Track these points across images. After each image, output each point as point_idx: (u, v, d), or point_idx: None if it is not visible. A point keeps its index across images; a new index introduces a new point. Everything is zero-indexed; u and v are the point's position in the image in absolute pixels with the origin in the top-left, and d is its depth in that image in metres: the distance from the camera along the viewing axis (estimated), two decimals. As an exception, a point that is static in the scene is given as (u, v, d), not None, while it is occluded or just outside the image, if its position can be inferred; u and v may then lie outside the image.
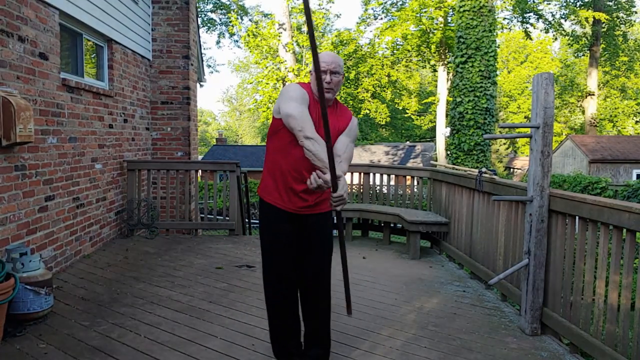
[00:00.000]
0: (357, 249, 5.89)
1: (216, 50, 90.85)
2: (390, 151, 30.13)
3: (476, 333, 3.32)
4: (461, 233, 5.13)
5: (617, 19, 26.65)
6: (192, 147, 7.39)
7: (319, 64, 2.14)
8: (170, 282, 4.21)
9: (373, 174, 6.84)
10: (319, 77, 2.11)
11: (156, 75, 7.18)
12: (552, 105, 3.20)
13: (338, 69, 2.44)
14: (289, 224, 2.54)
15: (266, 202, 2.58)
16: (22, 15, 3.80)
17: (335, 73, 2.43)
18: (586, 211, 2.89)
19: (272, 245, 2.59)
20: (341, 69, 2.48)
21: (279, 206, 2.53)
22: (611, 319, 2.70)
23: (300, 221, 2.55)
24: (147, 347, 2.91)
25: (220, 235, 6.85)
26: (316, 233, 2.57)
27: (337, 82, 2.45)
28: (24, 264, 3.21)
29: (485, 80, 15.26)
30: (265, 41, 20.40)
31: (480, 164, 15.33)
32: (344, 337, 3.14)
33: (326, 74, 2.42)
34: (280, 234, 2.56)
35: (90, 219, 5.11)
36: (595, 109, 28.04)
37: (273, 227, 2.58)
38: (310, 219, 2.55)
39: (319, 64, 2.15)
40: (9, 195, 3.61)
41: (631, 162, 21.22)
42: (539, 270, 3.29)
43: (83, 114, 4.93)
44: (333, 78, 2.42)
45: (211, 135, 56.57)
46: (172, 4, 7.12)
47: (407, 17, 22.14)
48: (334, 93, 2.46)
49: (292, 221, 2.54)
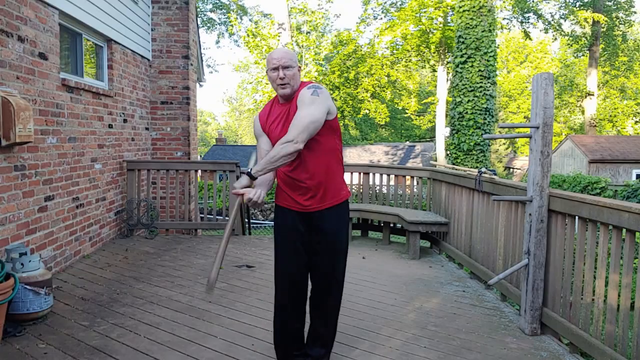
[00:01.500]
0: (356, 249, 5.89)
1: (216, 50, 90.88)
2: (390, 151, 30.13)
3: (476, 333, 3.32)
4: (461, 233, 5.13)
5: (617, 19, 26.66)
6: (191, 147, 7.39)
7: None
8: (170, 282, 4.21)
9: (373, 174, 6.84)
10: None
11: (156, 75, 7.18)
12: (551, 105, 3.20)
13: (289, 63, 2.38)
14: (297, 223, 2.52)
15: (277, 205, 2.60)
16: (21, 15, 3.80)
17: (287, 67, 2.38)
18: (586, 211, 2.89)
19: (281, 247, 2.58)
20: (293, 62, 2.41)
21: (286, 207, 2.53)
22: (611, 318, 2.70)
23: (308, 219, 2.52)
24: (146, 347, 2.91)
25: (220, 235, 6.85)
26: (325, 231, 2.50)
27: (292, 76, 2.39)
28: (23, 264, 3.21)
29: (485, 80, 15.26)
30: (265, 41, 20.40)
31: (480, 164, 15.34)
32: (344, 337, 3.13)
33: (278, 70, 2.38)
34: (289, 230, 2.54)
35: (90, 219, 5.11)
36: (594, 109, 28.05)
37: (284, 223, 2.56)
38: (316, 216, 2.50)
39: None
40: (9, 195, 3.61)
41: (631, 162, 21.23)
42: (538, 270, 3.29)
43: (83, 114, 4.93)
44: (286, 72, 2.37)
45: (211, 135, 56.55)
46: (172, 4, 7.12)
47: (407, 17, 22.13)
48: (291, 87, 2.40)
49: (302, 221, 2.52)
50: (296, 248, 2.54)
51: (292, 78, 2.39)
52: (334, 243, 2.54)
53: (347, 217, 2.62)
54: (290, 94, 2.42)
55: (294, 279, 2.56)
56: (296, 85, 2.42)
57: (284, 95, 2.43)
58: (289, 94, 2.42)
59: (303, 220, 2.52)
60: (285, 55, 2.40)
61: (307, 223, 2.52)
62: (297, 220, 2.52)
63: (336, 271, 2.58)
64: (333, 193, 2.50)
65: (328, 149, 2.45)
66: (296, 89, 2.43)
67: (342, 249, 2.59)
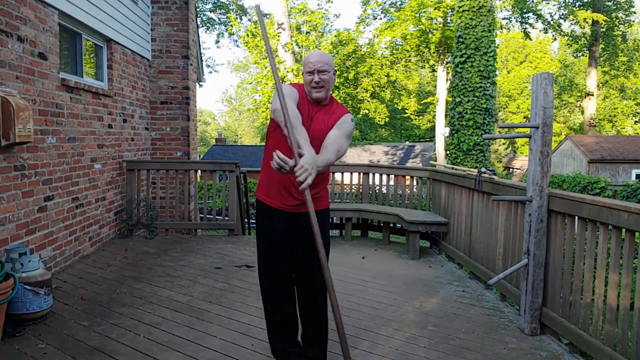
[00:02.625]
0: (356, 249, 5.88)
1: (215, 50, 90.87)
2: (390, 151, 30.13)
3: (475, 333, 3.32)
4: (460, 233, 5.13)
5: (616, 19, 26.66)
6: (191, 147, 7.38)
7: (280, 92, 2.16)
8: (169, 282, 4.21)
9: (372, 174, 6.84)
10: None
11: (155, 75, 7.18)
12: (551, 105, 3.20)
13: (325, 67, 2.41)
14: (282, 224, 2.54)
15: (260, 200, 2.59)
16: (21, 15, 3.80)
17: (323, 71, 2.40)
18: (585, 211, 2.89)
19: (266, 244, 2.60)
20: (329, 66, 2.44)
21: (272, 205, 2.53)
22: (610, 318, 2.70)
23: (294, 220, 2.53)
24: (146, 347, 2.91)
25: (219, 235, 6.85)
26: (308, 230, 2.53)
27: (327, 80, 2.42)
28: (23, 264, 3.21)
29: (485, 80, 15.27)
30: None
31: (480, 164, 15.34)
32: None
33: (314, 73, 2.40)
34: (273, 232, 2.55)
35: (90, 219, 5.11)
36: (594, 109, 28.05)
37: (266, 226, 2.58)
38: (303, 218, 2.52)
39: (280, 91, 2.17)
40: (8, 195, 3.61)
41: (630, 162, 21.23)
42: (538, 270, 3.29)
43: (82, 114, 4.92)
44: (322, 77, 2.40)
45: (210, 135, 56.55)
46: (172, 3, 7.12)
47: (406, 17, 22.14)
48: (325, 91, 2.44)
49: (285, 220, 2.53)
50: (279, 246, 2.56)
51: (327, 82, 2.43)
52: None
53: (329, 224, 2.70)
54: (324, 97, 2.46)
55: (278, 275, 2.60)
56: (330, 89, 2.47)
57: (318, 99, 2.45)
58: (323, 97, 2.46)
59: (288, 221, 2.53)
60: (321, 59, 2.43)
61: (292, 224, 2.53)
62: (282, 220, 2.53)
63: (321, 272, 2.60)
64: (322, 199, 2.57)
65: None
66: (329, 93, 2.48)
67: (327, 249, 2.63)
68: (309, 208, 2.09)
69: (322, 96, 2.44)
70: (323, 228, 2.58)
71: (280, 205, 2.52)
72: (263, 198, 2.58)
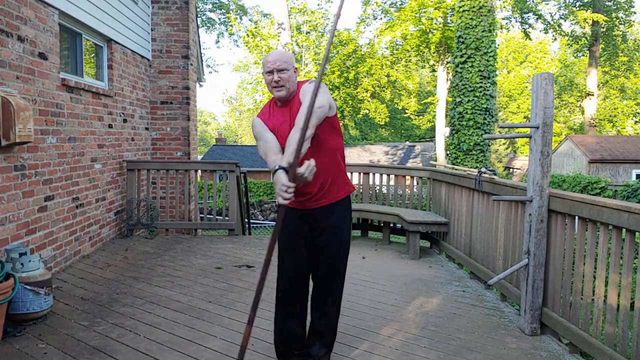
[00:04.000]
0: (356, 249, 5.89)
1: (215, 50, 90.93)
2: (390, 151, 30.14)
3: (476, 333, 3.32)
4: (461, 233, 5.13)
5: (617, 19, 26.65)
6: (191, 147, 7.39)
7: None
8: (169, 282, 4.21)
9: (372, 174, 6.84)
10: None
11: (156, 75, 7.18)
12: (551, 105, 3.20)
13: (284, 65, 2.37)
14: (300, 221, 2.52)
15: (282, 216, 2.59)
16: (21, 15, 3.80)
17: (282, 70, 2.36)
18: (586, 211, 2.89)
19: (283, 243, 2.57)
20: (288, 65, 2.39)
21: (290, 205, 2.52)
22: (610, 319, 2.70)
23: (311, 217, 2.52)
24: (146, 347, 2.91)
25: (219, 235, 6.85)
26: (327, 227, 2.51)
27: (287, 79, 2.37)
28: (23, 264, 3.21)
29: (485, 80, 15.26)
30: (265, 41, 20.41)
31: (480, 164, 15.34)
32: (344, 337, 3.13)
33: (272, 73, 2.37)
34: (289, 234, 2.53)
35: (90, 219, 5.11)
36: (594, 109, 28.04)
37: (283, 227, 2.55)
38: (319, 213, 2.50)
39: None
40: (9, 195, 3.61)
41: (630, 162, 21.22)
42: (538, 270, 3.29)
43: (82, 113, 4.93)
44: (281, 75, 2.36)
45: (211, 135, 56.55)
46: (172, 4, 7.12)
47: (407, 17, 22.14)
48: (286, 90, 2.39)
49: (302, 218, 2.51)
50: (298, 247, 2.54)
51: (288, 80, 2.38)
52: (336, 240, 2.55)
53: (349, 212, 2.62)
54: (286, 96, 2.41)
55: (295, 279, 2.57)
56: (292, 87, 2.41)
57: (280, 98, 2.42)
58: (285, 96, 2.41)
59: (305, 218, 2.52)
60: (279, 57, 2.38)
61: (309, 221, 2.52)
62: (298, 218, 2.52)
63: (338, 269, 2.59)
64: (336, 190, 2.52)
65: (331, 148, 2.46)
66: (293, 90, 2.42)
67: (344, 246, 2.60)
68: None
69: (284, 94, 2.40)
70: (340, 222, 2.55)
71: (295, 204, 2.49)
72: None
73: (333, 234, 2.53)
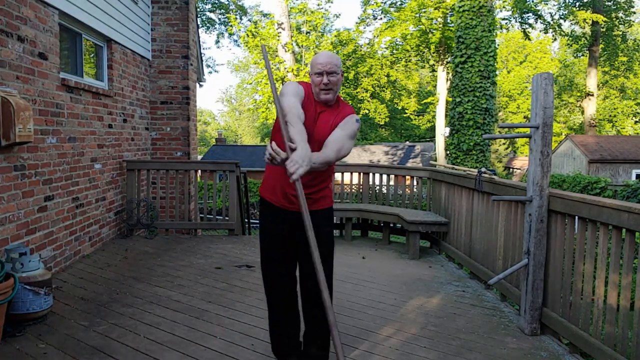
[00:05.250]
0: (356, 249, 5.88)
1: (215, 50, 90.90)
2: (390, 151, 30.14)
3: (476, 333, 3.32)
4: (461, 233, 5.13)
5: (616, 19, 26.66)
6: (191, 147, 7.38)
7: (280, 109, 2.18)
8: (169, 282, 4.21)
9: (372, 174, 6.84)
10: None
11: (155, 75, 7.18)
12: (551, 105, 3.20)
13: (334, 69, 2.39)
14: (285, 223, 2.54)
15: (264, 199, 2.59)
16: (21, 15, 3.80)
17: (332, 73, 2.38)
18: (585, 211, 2.89)
19: (268, 243, 2.61)
20: (338, 68, 2.41)
21: (275, 204, 2.53)
22: (610, 318, 2.70)
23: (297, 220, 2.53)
24: (146, 347, 2.91)
25: (219, 235, 6.85)
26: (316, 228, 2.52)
27: (336, 82, 2.40)
28: (23, 264, 3.20)
29: (485, 80, 15.27)
30: (265, 41, 20.40)
31: (480, 164, 15.34)
32: (343, 337, 3.13)
33: (322, 75, 2.38)
34: (276, 232, 2.56)
35: (90, 219, 5.11)
36: (594, 109, 28.06)
37: (270, 224, 2.59)
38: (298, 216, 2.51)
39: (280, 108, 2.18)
40: (8, 195, 3.61)
41: (630, 162, 21.23)
42: (538, 270, 3.29)
43: (82, 113, 4.92)
44: (330, 79, 2.38)
45: (210, 135, 56.53)
46: (172, 3, 7.12)
47: (406, 17, 22.15)
48: (333, 93, 2.42)
49: (289, 220, 2.53)
50: (286, 249, 2.56)
51: (336, 84, 2.41)
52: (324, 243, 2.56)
53: (333, 222, 2.72)
54: (332, 99, 2.44)
55: (284, 280, 2.59)
56: (338, 91, 2.44)
57: (326, 100, 2.43)
58: (331, 100, 2.44)
59: (293, 220, 2.52)
60: (330, 61, 2.39)
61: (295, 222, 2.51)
62: (287, 219, 2.53)
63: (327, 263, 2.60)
64: (325, 198, 2.58)
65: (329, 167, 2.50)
66: (337, 94, 2.46)
67: (331, 249, 2.63)
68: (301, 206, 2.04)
69: (330, 98, 2.42)
70: (326, 226, 2.61)
71: (283, 204, 2.52)
72: (267, 196, 2.59)
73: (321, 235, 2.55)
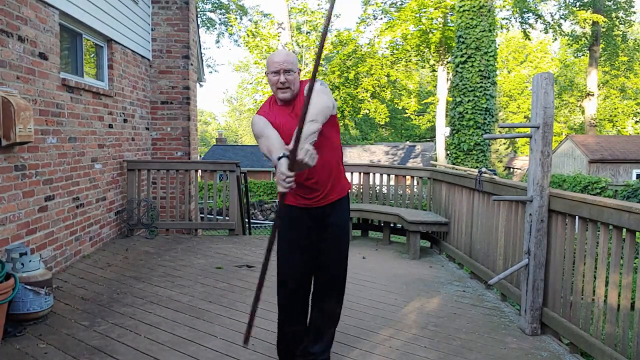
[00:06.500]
0: (357, 249, 5.88)
1: (216, 50, 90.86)
2: (390, 151, 30.14)
3: (476, 333, 3.32)
4: (461, 233, 5.13)
5: (617, 19, 26.65)
6: (191, 147, 7.38)
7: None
8: (170, 282, 4.21)
9: (373, 174, 6.84)
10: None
11: (156, 75, 7.18)
12: (551, 105, 3.20)
13: (291, 67, 2.36)
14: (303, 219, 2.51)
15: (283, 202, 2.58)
16: (21, 15, 3.80)
17: (289, 71, 2.35)
18: (586, 211, 2.89)
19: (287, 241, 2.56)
20: (294, 66, 2.38)
21: (290, 203, 2.52)
22: (611, 318, 2.70)
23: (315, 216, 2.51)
24: (147, 347, 2.91)
25: (220, 235, 6.85)
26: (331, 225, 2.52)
27: (293, 80, 2.37)
28: (23, 264, 3.21)
29: (485, 80, 15.27)
30: (265, 41, 20.42)
31: (480, 164, 15.34)
32: (344, 337, 3.13)
33: (279, 74, 2.35)
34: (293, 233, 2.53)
35: (90, 219, 5.11)
36: (594, 109, 28.05)
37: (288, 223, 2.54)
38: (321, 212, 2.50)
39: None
40: (9, 195, 3.61)
41: (631, 162, 21.23)
42: (538, 270, 3.29)
43: (83, 113, 4.93)
44: (287, 77, 2.35)
45: (211, 135, 56.54)
46: (172, 3, 7.12)
47: (407, 17, 22.14)
48: (291, 92, 2.38)
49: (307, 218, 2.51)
50: (301, 246, 2.54)
51: (293, 83, 2.38)
52: (339, 238, 2.57)
53: (349, 208, 2.65)
54: (291, 98, 2.41)
55: (298, 279, 2.56)
56: (296, 89, 2.41)
57: (284, 100, 2.41)
58: (289, 98, 2.40)
59: (308, 217, 2.51)
60: (287, 58, 2.37)
61: (313, 219, 2.52)
62: (302, 217, 2.51)
63: (341, 267, 2.62)
64: (337, 188, 2.54)
65: (334, 146, 2.48)
66: (296, 93, 2.41)
67: (347, 244, 2.63)
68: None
69: (289, 97, 2.39)
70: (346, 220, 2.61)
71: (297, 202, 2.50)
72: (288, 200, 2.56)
73: (339, 233, 2.56)
